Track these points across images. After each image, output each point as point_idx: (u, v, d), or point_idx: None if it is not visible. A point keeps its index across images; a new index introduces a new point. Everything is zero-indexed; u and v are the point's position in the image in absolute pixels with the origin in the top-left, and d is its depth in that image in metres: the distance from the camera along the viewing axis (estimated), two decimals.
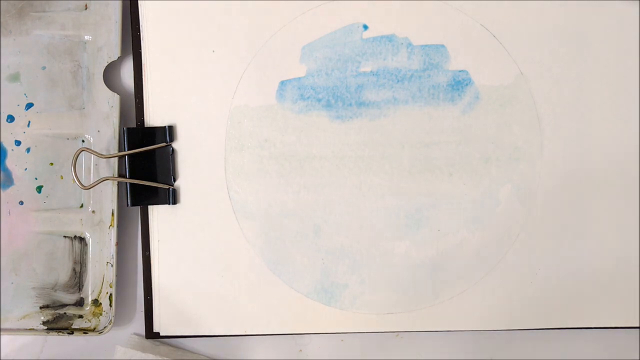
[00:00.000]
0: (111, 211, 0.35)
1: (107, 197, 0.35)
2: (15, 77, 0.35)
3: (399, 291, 0.34)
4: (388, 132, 0.34)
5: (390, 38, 0.34)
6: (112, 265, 0.34)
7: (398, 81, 0.34)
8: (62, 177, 0.35)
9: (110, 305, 0.35)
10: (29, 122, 0.35)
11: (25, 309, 0.35)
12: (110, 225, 0.35)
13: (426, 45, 0.34)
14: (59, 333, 0.35)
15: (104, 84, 0.35)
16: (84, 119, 0.35)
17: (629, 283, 0.34)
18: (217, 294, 0.34)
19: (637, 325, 0.34)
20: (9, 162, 0.35)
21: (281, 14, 0.34)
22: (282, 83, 0.34)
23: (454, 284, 0.34)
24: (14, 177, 0.35)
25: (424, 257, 0.34)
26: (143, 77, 0.34)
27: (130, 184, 0.34)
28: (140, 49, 0.34)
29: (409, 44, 0.34)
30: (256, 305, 0.34)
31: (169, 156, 0.34)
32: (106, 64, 0.35)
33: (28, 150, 0.35)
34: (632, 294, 0.34)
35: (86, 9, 0.35)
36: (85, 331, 0.35)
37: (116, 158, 0.34)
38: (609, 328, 0.34)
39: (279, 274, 0.34)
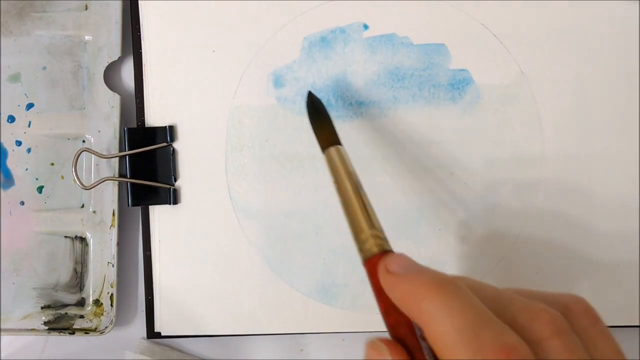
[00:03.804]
0: (112, 211, 0.35)
1: (108, 197, 0.35)
2: (15, 78, 0.35)
3: None
4: (389, 131, 0.34)
5: (390, 37, 0.34)
6: (113, 265, 0.35)
7: (398, 80, 0.34)
8: (62, 177, 0.35)
9: (112, 305, 0.35)
10: (30, 122, 0.35)
11: (26, 309, 0.35)
12: (111, 226, 0.35)
13: (426, 45, 0.34)
14: (60, 333, 0.35)
15: (105, 84, 0.35)
16: (85, 119, 0.35)
17: (629, 282, 0.34)
18: (217, 293, 0.35)
19: (637, 324, 0.34)
20: (10, 163, 0.35)
21: (281, 14, 0.34)
22: (283, 83, 0.34)
23: None
24: (14, 177, 0.35)
25: (425, 257, 0.34)
26: (143, 77, 0.34)
27: (131, 184, 0.34)
28: (141, 49, 0.34)
29: (410, 44, 0.34)
30: (257, 304, 0.34)
31: (170, 156, 0.34)
32: (107, 64, 0.35)
33: (29, 150, 0.35)
34: (632, 293, 0.34)
35: (86, 9, 0.35)
36: (86, 331, 0.35)
37: (117, 158, 0.34)
38: (608, 327, 0.34)
39: (279, 274, 0.34)
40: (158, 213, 0.35)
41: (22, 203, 0.35)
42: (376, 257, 0.23)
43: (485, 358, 0.18)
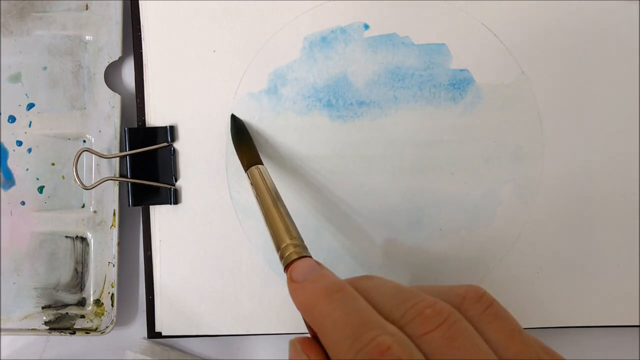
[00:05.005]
0: (112, 211, 0.35)
1: (109, 197, 0.35)
2: (16, 78, 0.35)
3: None
4: (389, 131, 0.34)
5: (391, 37, 0.34)
6: (113, 265, 0.35)
7: (399, 80, 0.34)
8: (63, 178, 0.35)
9: (112, 305, 0.35)
10: (30, 122, 0.35)
11: (27, 309, 0.35)
12: (112, 226, 0.35)
13: (427, 45, 0.34)
14: (61, 333, 0.35)
15: (105, 84, 0.35)
16: (85, 119, 0.35)
17: (629, 281, 0.34)
18: (218, 293, 0.35)
19: (637, 323, 0.34)
20: (11, 163, 0.35)
21: (282, 14, 0.34)
22: (283, 83, 0.34)
23: (455, 283, 0.34)
24: (15, 177, 0.35)
25: (426, 256, 0.34)
26: (144, 77, 0.34)
27: (132, 184, 0.34)
28: (141, 49, 0.34)
29: (410, 43, 0.34)
30: (258, 304, 0.34)
31: (171, 156, 0.34)
32: (107, 64, 0.35)
33: (29, 150, 0.35)
34: (632, 293, 0.34)
35: (87, 9, 0.35)
36: (87, 331, 0.35)
37: (117, 158, 0.34)
38: (609, 327, 0.34)
39: (280, 274, 0.34)
40: (159, 213, 0.35)
41: (23, 203, 0.35)
42: (292, 263, 0.25)
43: (364, 359, 0.19)
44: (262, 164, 0.31)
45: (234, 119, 0.34)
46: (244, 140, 0.33)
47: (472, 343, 0.20)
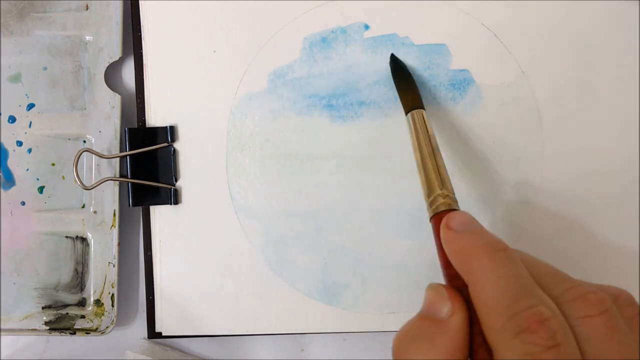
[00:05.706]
0: (113, 211, 0.35)
1: (109, 197, 0.35)
2: (16, 78, 0.35)
3: (400, 290, 0.34)
4: (389, 131, 0.34)
5: (391, 37, 0.34)
6: (114, 266, 0.35)
7: None
8: (63, 178, 0.35)
9: (113, 306, 0.35)
10: (30, 122, 0.35)
11: (27, 309, 0.35)
12: (112, 226, 0.35)
13: (427, 45, 0.34)
14: (61, 333, 0.35)
15: (105, 84, 0.35)
16: (86, 119, 0.35)
17: (629, 282, 0.34)
18: (218, 293, 0.35)
19: None
20: (11, 163, 0.35)
21: (282, 14, 0.34)
22: (284, 83, 0.34)
23: None
24: (15, 177, 0.35)
25: (426, 256, 0.34)
26: (144, 77, 0.34)
27: (132, 184, 0.34)
28: (141, 49, 0.34)
29: (410, 44, 0.34)
30: (258, 304, 0.34)
31: (171, 156, 0.34)
32: (107, 64, 0.35)
33: (29, 150, 0.35)
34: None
35: (87, 9, 0.35)
36: (87, 331, 0.35)
37: (118, 158, 0.34)
38: None
39: (280, 274, 0.34)
40: (159, 213, 0.35)
41: (23, 203, 0.35)
42: (442, 214, 0.25)
43: (518, 325, 0.19)
44: (424, 108, 0.31)
45: (393, 58, 0.33)
46: (407, 81, 0.32)
47: (630, 341, 0.20)
